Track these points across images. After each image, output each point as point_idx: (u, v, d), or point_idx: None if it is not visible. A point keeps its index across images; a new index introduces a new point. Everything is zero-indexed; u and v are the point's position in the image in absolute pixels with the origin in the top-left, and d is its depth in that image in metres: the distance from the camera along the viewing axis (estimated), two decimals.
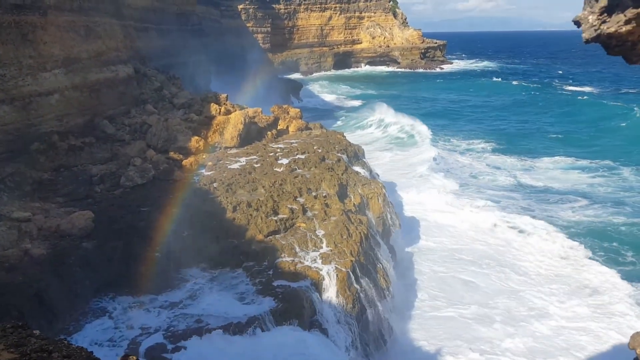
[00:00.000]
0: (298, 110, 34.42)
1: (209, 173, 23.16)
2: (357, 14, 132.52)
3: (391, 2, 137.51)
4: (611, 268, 23.15)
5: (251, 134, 28.85)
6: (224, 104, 30.96)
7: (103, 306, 14.89)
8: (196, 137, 26.55)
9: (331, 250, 17.48)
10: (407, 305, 20.29)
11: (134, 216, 17.85)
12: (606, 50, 4.93)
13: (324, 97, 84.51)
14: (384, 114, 59.26)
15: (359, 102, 77.49)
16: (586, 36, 4.81)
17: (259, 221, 18.44)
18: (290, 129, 31.73)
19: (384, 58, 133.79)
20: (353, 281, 16.71)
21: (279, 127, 31.34)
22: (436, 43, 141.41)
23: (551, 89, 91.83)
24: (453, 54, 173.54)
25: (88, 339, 13.21)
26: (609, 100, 73.41)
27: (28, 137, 20.41)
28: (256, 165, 24.20)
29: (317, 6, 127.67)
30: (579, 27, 4.90)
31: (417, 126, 53.06)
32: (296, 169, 23.57)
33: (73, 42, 24.52)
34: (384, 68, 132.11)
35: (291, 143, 28.68)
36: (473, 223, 28.30)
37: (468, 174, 39.05)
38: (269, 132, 30.10)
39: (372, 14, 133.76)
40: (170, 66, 42.93)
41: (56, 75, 22.44)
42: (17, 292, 12.94)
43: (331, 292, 15.96)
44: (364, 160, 30.02)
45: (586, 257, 24.30)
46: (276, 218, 18.86)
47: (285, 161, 24.79)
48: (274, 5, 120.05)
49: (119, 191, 20.29)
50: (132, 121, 26.97)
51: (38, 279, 13.60)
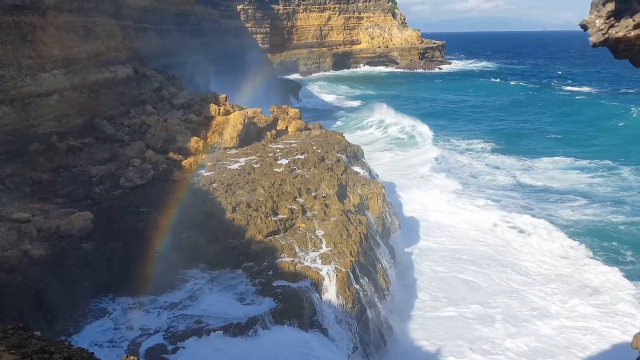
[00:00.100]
0: (297, 110, 34.41)
1: (209, 173, 23.14)
2: (356, 15, 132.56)
3: (390, 3, 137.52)
4: (612, 267, 23.15)
5: (250, 135, 28.83)
6: (223, 105, 30.95)
7: (103, 307, 14.89)
8: (195, 138, 26.53)
9: (331, 250, 17.47)
10: (407, 305, 20.23)
11: (134, 217, 17.84)
12: (613, 54, 4.92)
13: (323, 98, 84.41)
14: (384, 115, 59.23)
15: (358, 103, 77.48)
16: (593, 40, 4.80)
17: (259, 221, 18.42)
18: (289, 130, 31.72)
19: (383, 58, 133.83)
20: (353, 281, 16.70)
21: (278, 128, 31.33)
22: (435, 43, 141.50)
23: (550, 89, 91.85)
24: (452, 55, 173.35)
25: (88, 340, 13.21)
26: (608, 100, 73.48)
27: (27, 138, 20.37)
28: (255, 165, 24.19)
29: (316, 7, 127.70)
30: (586, 31, 4.88)
31: (418, 126, 52.93)
32: (295, 170, 23.56)
33: (72, 43, 24.49)
34: (383, 68, 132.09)
35: (290, 143, 28.67)
36: (473, 223, 28.30)
37: (468, 174, 39.07)
38: (268, 133, 30.09)
39: (371, 15, 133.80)
40: (169, 66, 42.88)
41: (55, 75, 22.40)
42: (17, 293, 12.92)
43: (331, 293, 15.95)
44: (364, 160, 30.01)
45: (587, 257, 24.29)
46: (276, 218, 18.85)
47: (284, 161, 24.78)
48: (273, 5, 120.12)
49: (119, 192, 20.27)
50: (132, 122, 26.95)
51: (38, 280, 13.58)
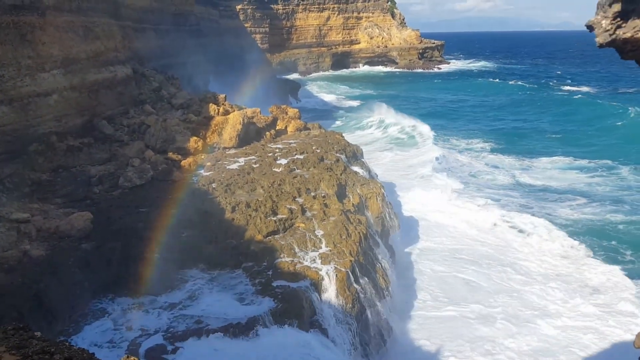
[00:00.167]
0: (296, 110, 34.38)
1: (208, 173, 23.12)
2: (355, 14, 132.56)
3: (389, 3, 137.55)
4: (612, 266, 23.14)
5: (250, 134, 28.81)
6: (223, 104, 30.92)
7: (102, 307, 14.85)
8: (195, 138, 26.51)
9: (330, 250, 17.45)
10: (407, 305, 20.20)
11: (133, 217, 17.82)
12: (620, 54, 4.92)
13: (323, 97, 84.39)
14: (384, 114, 59.24)
15: (358, 103, 77.48)
16: (600, 41, 4.79)
17: (258, 221, 18.40)
18: (288, 129, 31.70)
19: (382, 58, 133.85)
20: (352, 281, 16.68)
21: (278, 128, 31.31)
22: (434, 43, 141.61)
23: (548, 89, 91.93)
24: (451, 54, 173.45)
25: (88, 341, 13.18)
26: (606, 99, 73.54)
27: (26, 138, 20.34)
28: (255, 165, 24.17)
29: (315, 6, 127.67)
30: (592, 32, 4.88)
31: (419, 126, 52.93)
32: (295, 169, 23.54)
33: (72, 43, 24.45)
34: (382, 68, 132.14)
35: (290, 143, 28.65)
36: (473, 223, 28.29)
37: (467, 173, 39.09)
38: (268, 133, 30.07)
39: (370, 14, 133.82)
40: (168, 66, 42.87)
41: (55, 75, 22.37)
42: (17, 294, 12.89)
43: (331, 292, 15.93)
44: (363, 160, 30.00)
45: (587, 256, 24.29)
46: (275, 218, 18.82)
47: (284, 161, 24.76)
48: (272, 5, 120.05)
49: (118, 192, 20.24)
50: (131, 122, 26.93)
51: (37, 280, 13.56)
